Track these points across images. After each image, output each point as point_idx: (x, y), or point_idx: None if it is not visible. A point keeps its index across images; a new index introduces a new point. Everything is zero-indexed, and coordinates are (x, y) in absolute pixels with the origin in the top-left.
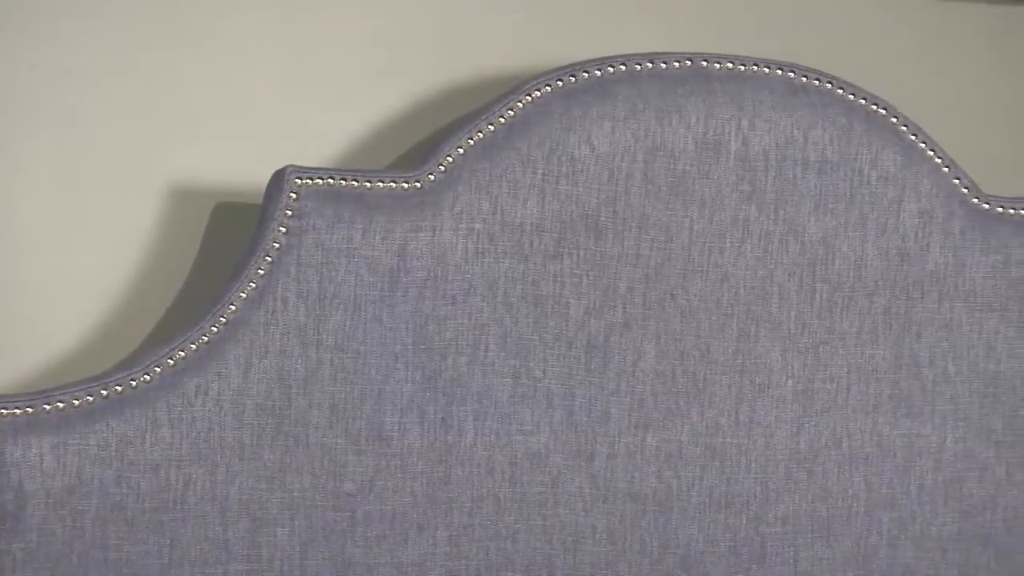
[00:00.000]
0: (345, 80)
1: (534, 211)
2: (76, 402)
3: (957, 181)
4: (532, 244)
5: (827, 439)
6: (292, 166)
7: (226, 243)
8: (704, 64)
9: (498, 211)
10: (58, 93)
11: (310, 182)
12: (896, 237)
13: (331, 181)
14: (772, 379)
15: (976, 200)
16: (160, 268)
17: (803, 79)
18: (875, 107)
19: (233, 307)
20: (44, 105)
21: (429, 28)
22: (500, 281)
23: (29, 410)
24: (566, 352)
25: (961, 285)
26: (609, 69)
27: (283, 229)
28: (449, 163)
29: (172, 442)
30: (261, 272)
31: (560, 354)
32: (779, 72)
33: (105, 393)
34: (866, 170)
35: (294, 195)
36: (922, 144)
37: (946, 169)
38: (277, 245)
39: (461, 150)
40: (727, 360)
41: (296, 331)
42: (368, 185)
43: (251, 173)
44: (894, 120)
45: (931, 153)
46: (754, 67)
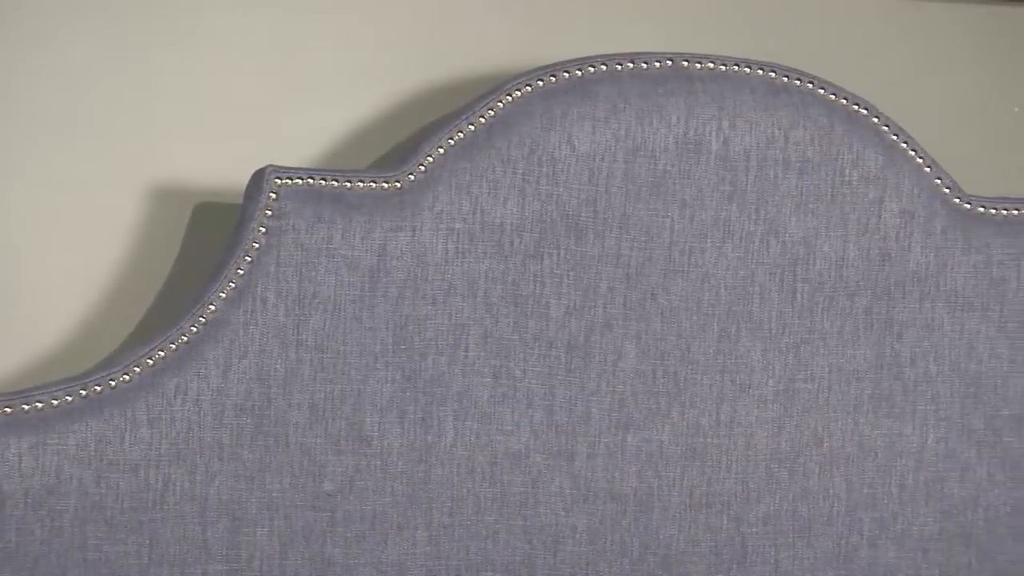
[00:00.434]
0: (327, 80)
1: (514, 211)
2: (55, 402)
3: (939, 181)
4: (512, 244)
5: (808, 439)
6: (272, 166)
7: (207, 243)
8: (685, 64)
9: (478, 211)
10: (39, 93)
11: (290, 182)
12: (877, 237)
13: (311, 181)
14: (753, 379)
15: (958, 200)
16: (141, 268)
17: (784, 79)
18: (856, 107)
19: (213, 307)
20: (26, 105)
21: (410, 29)
22: (480, 281)
23: (8, 410)
24: (546, 352)
25: (943, 285)
26: (590, 69)
27: (263, 229)
28: (429, 163)
29: (151, 442)
30: (241, 272)
31: (540, 354)
32: (760, 72)
33: (84, 393)
34: (847, 170)
35: (274, 195)
36: (904, 144)
37: (928, 169)
38: (257, 245)
39: (441, 150)
40: (708, 360)
41: (276, 331)
42: (348, 185)
43: (232, 173)
44: (875, 120)
45: (913, 153)
46: (735, 67)
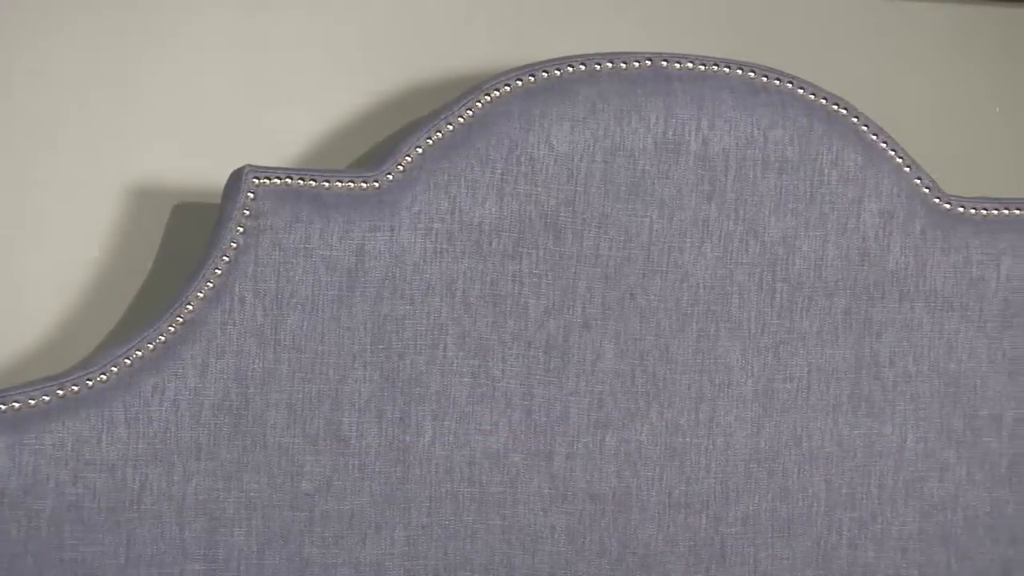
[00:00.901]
0: (306, 80)
1: (493, 211)
2: (32, 402)
3: (918, 181)
4: (491, 244)
5: (787, 439)
6: (250, 166)
7: (186, 243)
8: (664, 64)
9: (457, 211)
10: (18, 94)
11: (268, 182)
12: (857, 237)
13: (289, 181)
14: (732, 379)
15: (937, 200)
16: (120, 268)
17: (763, 79)
18: (836, 107)
19: (190, 307)
20: (3, 106)
21: (389, 28)
22: (459, 281)
23: None
24: (525, 352)
25: (922, 285)
26: (569, 69)
27: (240, 229)
28: (408, 163)
29: (128, 442)
30: (218, 272)
31: (519, 354)
32: (739, 72)
33: (61, 393)
34: (826, 170)
35: (252, 195)
36: (883, 144)
37: (907, 169)
38: (235, 245)
39: (420, 150)
40: (687, 360)
41: (253, 331)
42: (326, 185)
43: (212, 173)
44: (855, 120)
45: (892, 153)
46: (714, 67)
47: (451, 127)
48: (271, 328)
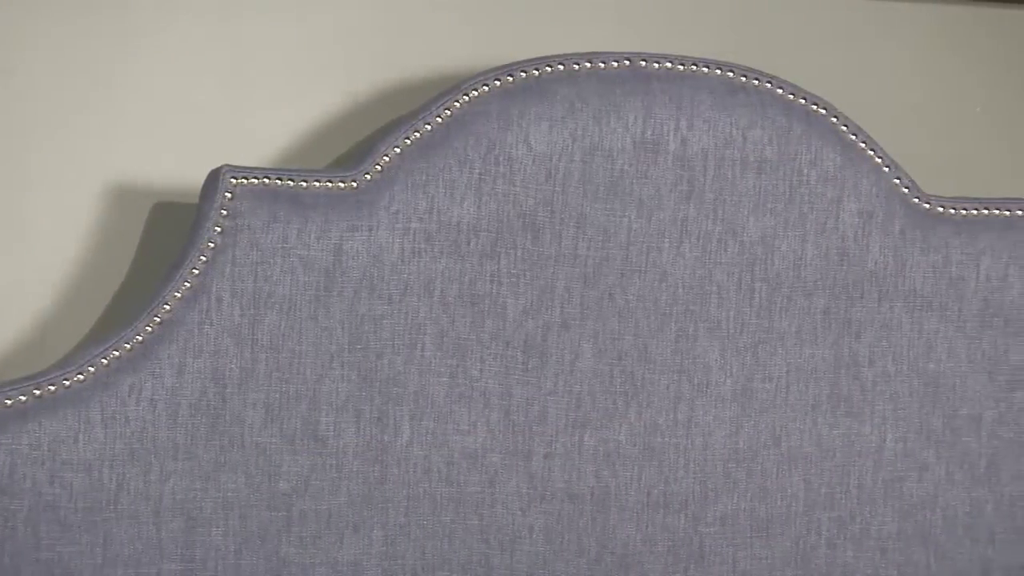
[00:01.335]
0: (284, 80)
1: (471, 211)
2: (8, 401)
3: (897, 181)
4: (469, 244)
5: (766, 439)
6: (228, 165)
7: (164, 243)
8: (643, 64)
9: (435, 211)
10: None
11: (245, 181)
12: (836, 237)
13: (267, 181)
14: (711, 379)
15: (916, 200)
16: (98, 267)
17: (742, 79)
18: (815, 107)
19: (168, 307)
20: None
21: (368, 28)
22: (437, 281)
23: None
24: (503, 352)
25: (901, 285)
26: (547, 69)
27: (218, 229)
28: (386, 162)
29: (106, 442)
30: (196, 272)
31: (497, 354)
32: (718, 72)
33: (38, 393)
34: (805, 170)
35: (229, 195)
36: (862, 144)
37: (886, 169)
38: (212, 245)
39: (398, 149)
40: (665, 360)
41: (231, 331)
42: (304, 185)
43: (190, 173)
44: (834, 120)
45: (871, 153)
46: (693, 67)
47: (429, 127)
48: (248, 328)
